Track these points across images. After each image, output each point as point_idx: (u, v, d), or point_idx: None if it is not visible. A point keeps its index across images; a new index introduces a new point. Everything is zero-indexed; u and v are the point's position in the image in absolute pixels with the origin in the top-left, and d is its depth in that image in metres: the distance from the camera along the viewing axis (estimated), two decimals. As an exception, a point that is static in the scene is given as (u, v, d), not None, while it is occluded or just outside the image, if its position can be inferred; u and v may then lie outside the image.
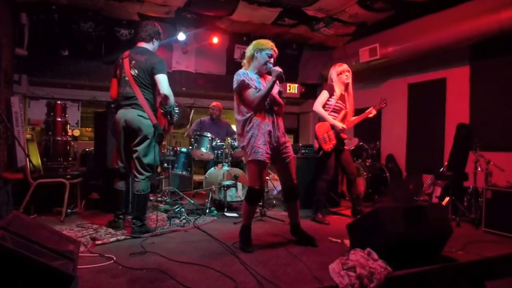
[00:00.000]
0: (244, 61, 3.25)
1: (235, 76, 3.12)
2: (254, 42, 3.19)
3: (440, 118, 5.68)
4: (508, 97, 4.83)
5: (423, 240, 2.72)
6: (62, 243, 2.16)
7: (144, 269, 2.47)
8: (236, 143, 5.28)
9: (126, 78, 3.41)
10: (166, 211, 4.47)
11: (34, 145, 4.43)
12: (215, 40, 6.87)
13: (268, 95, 3.03)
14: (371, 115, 4.27)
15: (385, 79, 6.62)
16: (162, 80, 3.37)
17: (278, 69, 3.04)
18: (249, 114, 3.07)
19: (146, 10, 6.01)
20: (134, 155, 3.38)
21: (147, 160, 3.40)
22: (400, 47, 5.68)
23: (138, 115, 3.36)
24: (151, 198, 5.28)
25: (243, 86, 3.05)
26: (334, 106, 4.17)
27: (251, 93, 3.04)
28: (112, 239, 3.21)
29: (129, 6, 5.87)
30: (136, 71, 3.40)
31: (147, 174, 3.40)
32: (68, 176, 4.15)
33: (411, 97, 4.47)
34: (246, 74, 3.12)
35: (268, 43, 3.15)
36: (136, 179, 3.39)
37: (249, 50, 3.19)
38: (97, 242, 3.10)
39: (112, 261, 2.63)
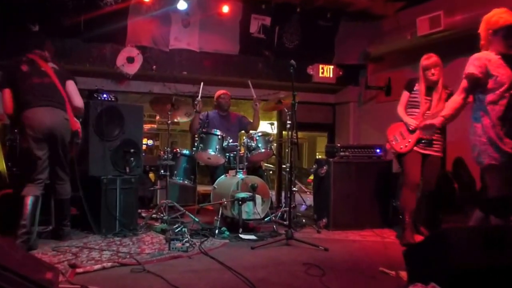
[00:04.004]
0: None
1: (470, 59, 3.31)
2: (485, 16, 3.32)
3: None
4: None
5: (509, 272, 2.65)
6: (38, 270, 2.22)
7: (139, 306, 2.53)
8: (253, 143, 5.27)
9: (43, 69, 3.97)
10: (163, 231, 4.54)
11: (-1, 146, 4.56)
12: (225, 9, 6.91)
13: None
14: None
15: (451, 57, 6.50)
16: (75, 89, 4.16)
17: None
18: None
19: (137, -28, 6.10)
20: (56, 161, 4.02)
21: (66, 162, 4.09)
22: (472, 15, 5.54)
23: (65, 118, 3.96)
24: (144, 215, 5.37)
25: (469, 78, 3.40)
26: (414, 101, 4.57)
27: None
28: (96, 267, 3.27)
29: (115, -32, 5.97)
30: (56, 66, 4.09)
31: (68, 176, 4.16)
32: (40, 186, 4.25)
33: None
34: (482, 58, 3.28)
35: (508, 14, 3.23)
36: (61, 183, 4.09)
37: (481, 28, 3.35)
38: (78, 270, 3.17)
39: (98, 295, 2.70)
